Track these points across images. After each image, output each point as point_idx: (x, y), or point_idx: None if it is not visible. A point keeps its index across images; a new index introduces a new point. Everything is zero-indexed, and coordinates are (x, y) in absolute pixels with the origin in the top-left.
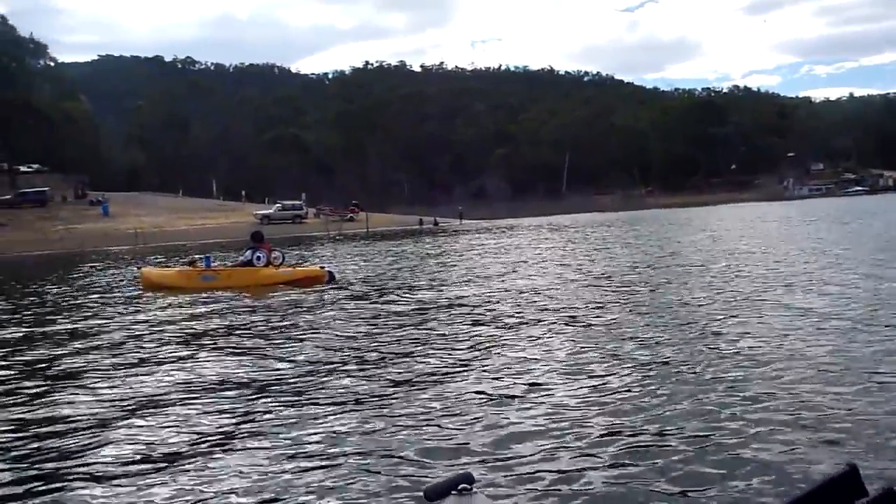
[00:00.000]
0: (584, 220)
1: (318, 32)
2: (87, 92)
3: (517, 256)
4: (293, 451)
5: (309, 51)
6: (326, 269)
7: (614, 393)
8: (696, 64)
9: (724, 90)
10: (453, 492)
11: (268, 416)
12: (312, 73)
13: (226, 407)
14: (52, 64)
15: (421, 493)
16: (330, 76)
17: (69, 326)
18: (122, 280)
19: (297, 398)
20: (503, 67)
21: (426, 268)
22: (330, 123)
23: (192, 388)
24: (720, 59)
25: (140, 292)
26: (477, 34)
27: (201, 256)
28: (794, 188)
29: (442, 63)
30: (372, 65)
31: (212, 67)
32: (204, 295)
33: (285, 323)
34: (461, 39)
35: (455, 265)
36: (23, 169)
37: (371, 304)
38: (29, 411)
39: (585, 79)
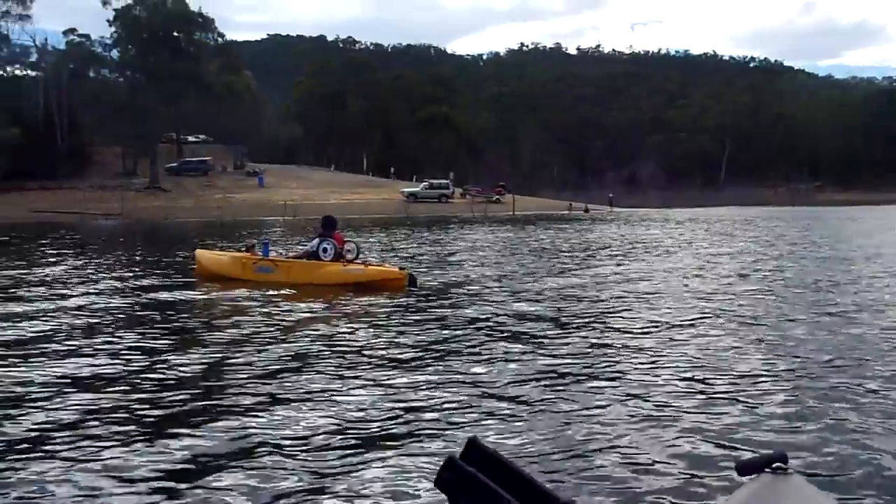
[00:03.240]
0: (749, 215)
1: (474, 13)
2: (256, 68)
3: (691, 260)
4: None
5: (465, 31)
6: (406, 271)
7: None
8: (877, 50)
9: None
10: (767, 469)
11: None
12: (467, 54)
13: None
14: (220, 39)
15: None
16: (485, 57)
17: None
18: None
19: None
20: (662, 51)
21: (559, 269)
22: (483, 104)
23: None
24: None
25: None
26: (636, 16)
27: (258, 241)
28: None
29: (598, 46)
30: (527, 46)
31: (371, 47)
32: (256, 292)
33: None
34: (620, 22)
35: (601, 275)
36: (190, 139)
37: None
38: None
39: (751, 64)
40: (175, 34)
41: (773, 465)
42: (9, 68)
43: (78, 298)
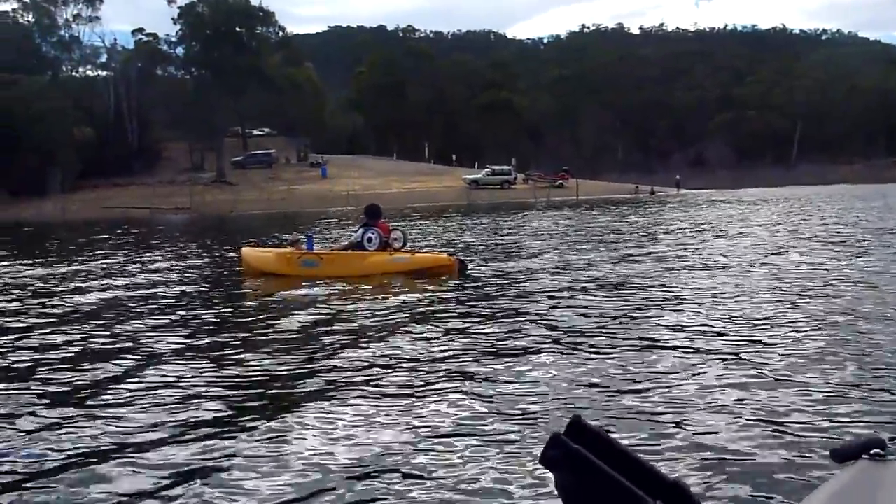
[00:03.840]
0: (825, 193)
1: None
2: (317, 61)
3: (767, 244)
4: None
5: (525, 15)
6: (456, 257)
7: None
8: None
9: None
10: (864, 456)
11: None
12: (528, 39)
13: None
14: (281, 33)
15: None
16: (545, 41)
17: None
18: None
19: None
20: (729, 27)
21: (627, 252)
22: (544, 88)
23: None
24: None
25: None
26: None
27: (303, 236)
28: None
29: (662, 24)
30: (588, 28)
31: (431, 35)
32: (300, 289)
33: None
34: None
35: (674, 258)
36: (255, 132)
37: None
38: None
39: (823, 37)
40: (237, 29)
41: (872, 452)
42: (81, 69)
43: (120, 290)
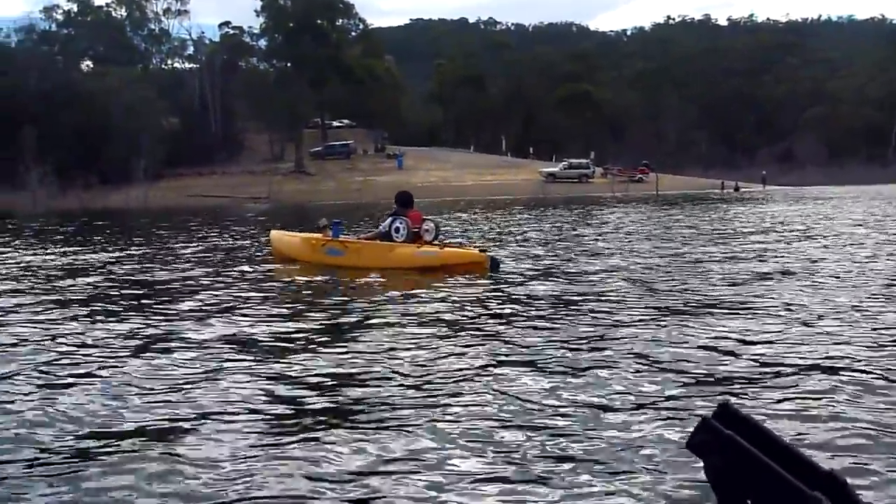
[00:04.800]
0: None
1: None
2: (399, 53)
3: (866, 250)
4: None
5: (609, 6)
6: (488, 253)
7: None
8: None
9: None
10: None
11: None
12: (611, 31)
13: None
14: (361, 25)
15: None
16: (629, 33)
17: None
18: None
19: None
20: (823, 17)
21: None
22: (626, 81)
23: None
24: None
25: (271, 261)
26: None
27: (330, 222)
28: None
29: (751, 15)
30: (674, 19)
31: (512, 27)
32: (320, 277)
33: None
34: None
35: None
36: (334, 123)
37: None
38: None
39: None
40: (318, 21)
41: None
42: (169, 62)
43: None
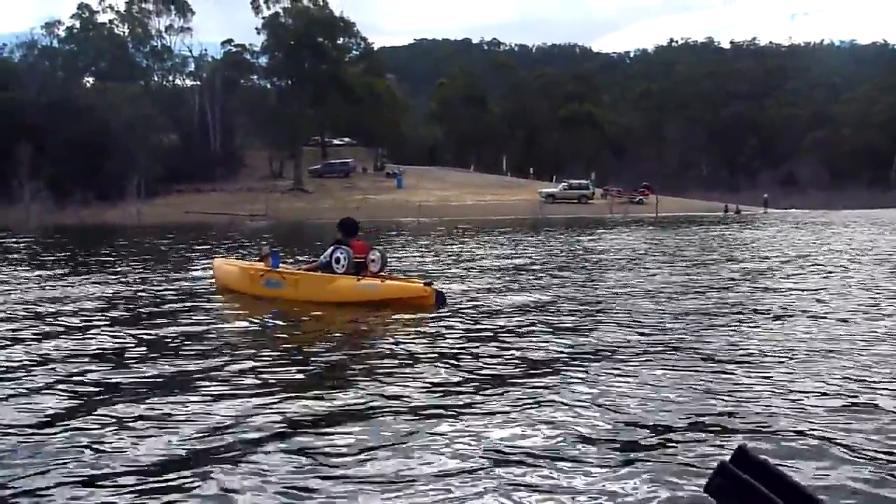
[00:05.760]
0: None
1: (621, 9)
2: (403, 72)
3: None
4: None
5: (612, 27)
6: (434, 287)
7: None
8: None
9: None
10: None
11: None
12: (613, 52)
13: None
14: (362, 43)
15: None
16: (631, 54)
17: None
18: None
19: None
20: (825, 42)
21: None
22: (629, 102)
23: None
24: None
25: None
26: (797, 5)
27: (269, 250)
28: None
29: (754, 38)
30: (677, 42)
31: (515, 48)
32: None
33: None
34: (778, 12)
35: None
36: (335, 142)
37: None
38: None
39: None
40: (319, 40)
41: None
42: (170, 78)
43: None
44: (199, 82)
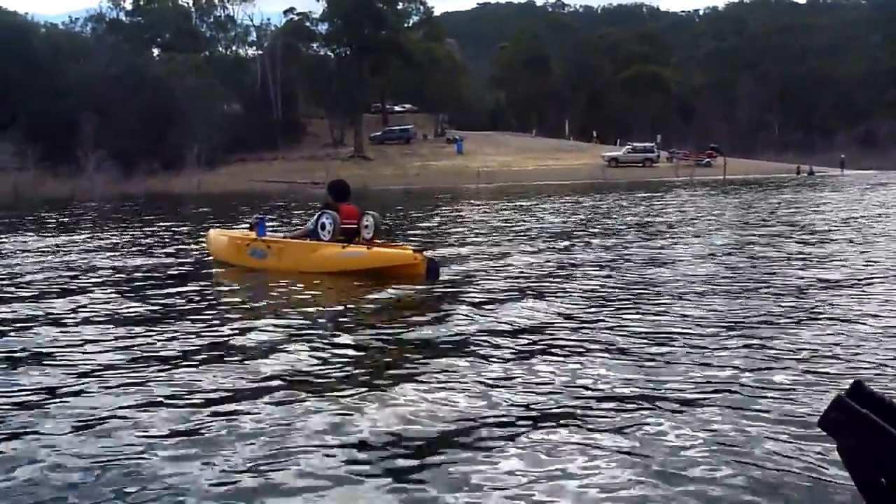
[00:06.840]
0: None
1: None
2: (466, 37)
3: None
4: None
5: None
6: (426, 254)
7: None
8: None
9: None
10: None
11: None
12: (682, 11)
13: None
14: (422, 8)
15: None
16: (701, 13)
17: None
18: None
19: None
20: None
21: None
22: (697, 62)
23: None
24: None
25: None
26: None
27: (259, 217)
28: None
29: None
30: None
31: (580, 10)
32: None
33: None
34: None
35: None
36: (396, 108)
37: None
38: None
39: None
40: (379, 5)
41: None
42: (233, 48)
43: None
44: (261, 52)
